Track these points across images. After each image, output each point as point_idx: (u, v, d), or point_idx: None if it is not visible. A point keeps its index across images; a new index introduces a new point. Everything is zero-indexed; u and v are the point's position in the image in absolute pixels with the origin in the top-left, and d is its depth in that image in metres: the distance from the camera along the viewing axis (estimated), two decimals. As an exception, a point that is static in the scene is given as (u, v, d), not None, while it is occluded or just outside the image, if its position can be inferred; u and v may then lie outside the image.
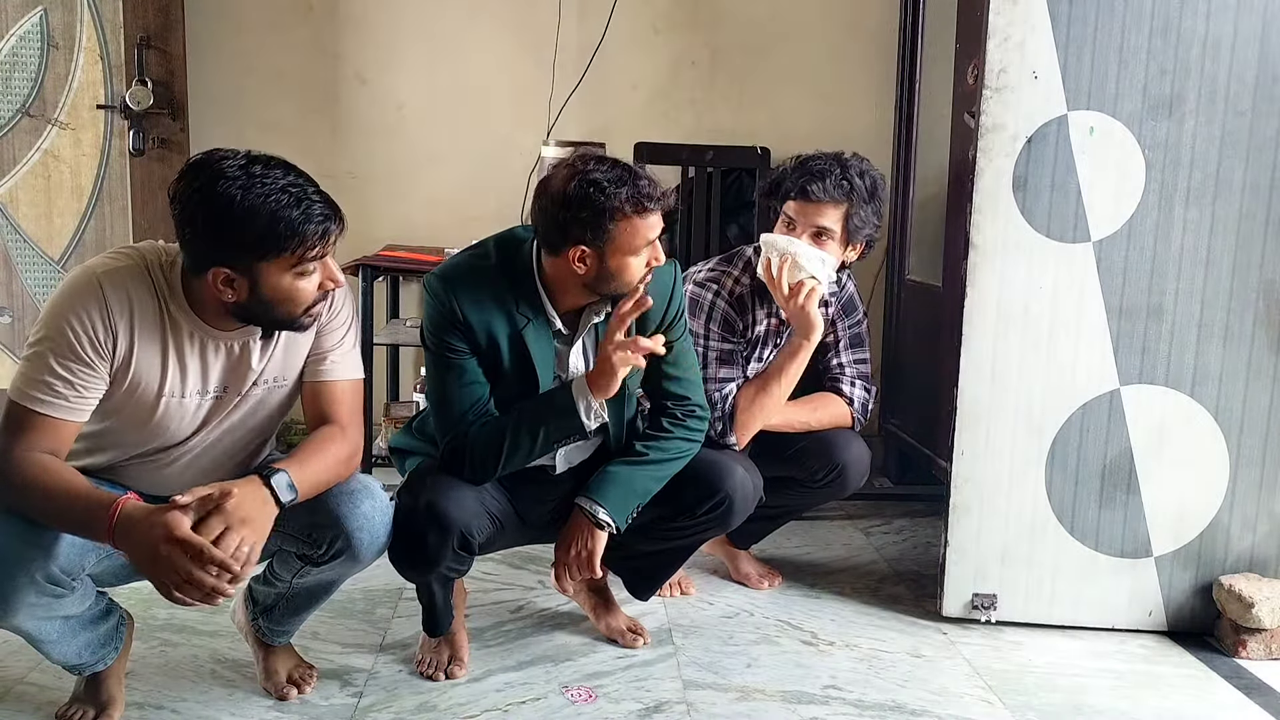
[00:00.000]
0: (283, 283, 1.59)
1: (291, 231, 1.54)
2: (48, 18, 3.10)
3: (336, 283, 1.66)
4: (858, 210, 2.23)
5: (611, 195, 1.78)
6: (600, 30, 3.44)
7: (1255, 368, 2.22)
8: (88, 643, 1.76)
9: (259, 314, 1.63)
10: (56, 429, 1.58)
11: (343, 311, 1.78)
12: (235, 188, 1.51)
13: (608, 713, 1.93)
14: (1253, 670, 2.17)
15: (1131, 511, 2.27)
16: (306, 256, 1.57)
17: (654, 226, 1.85)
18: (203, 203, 1.52)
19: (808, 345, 2.24)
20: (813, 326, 2.22)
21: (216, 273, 1.56)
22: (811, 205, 2.22)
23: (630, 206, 1.80)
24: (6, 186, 3.14)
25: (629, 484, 1.97)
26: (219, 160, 1.55)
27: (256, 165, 1.54)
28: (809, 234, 2.23)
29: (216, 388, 1.70)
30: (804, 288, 2.20)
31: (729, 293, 2.31)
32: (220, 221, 1.52)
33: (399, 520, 1.82)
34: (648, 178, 1.84)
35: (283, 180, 1.55)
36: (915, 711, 1.97)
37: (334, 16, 3.47)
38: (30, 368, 1.58)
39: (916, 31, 3.30)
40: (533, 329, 1.91)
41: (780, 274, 2.21)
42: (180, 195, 1.55)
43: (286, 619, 1.94)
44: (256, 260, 1.55)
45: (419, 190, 3.55)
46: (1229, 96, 2.15)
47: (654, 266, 1.88)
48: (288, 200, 1.53)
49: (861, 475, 2.37)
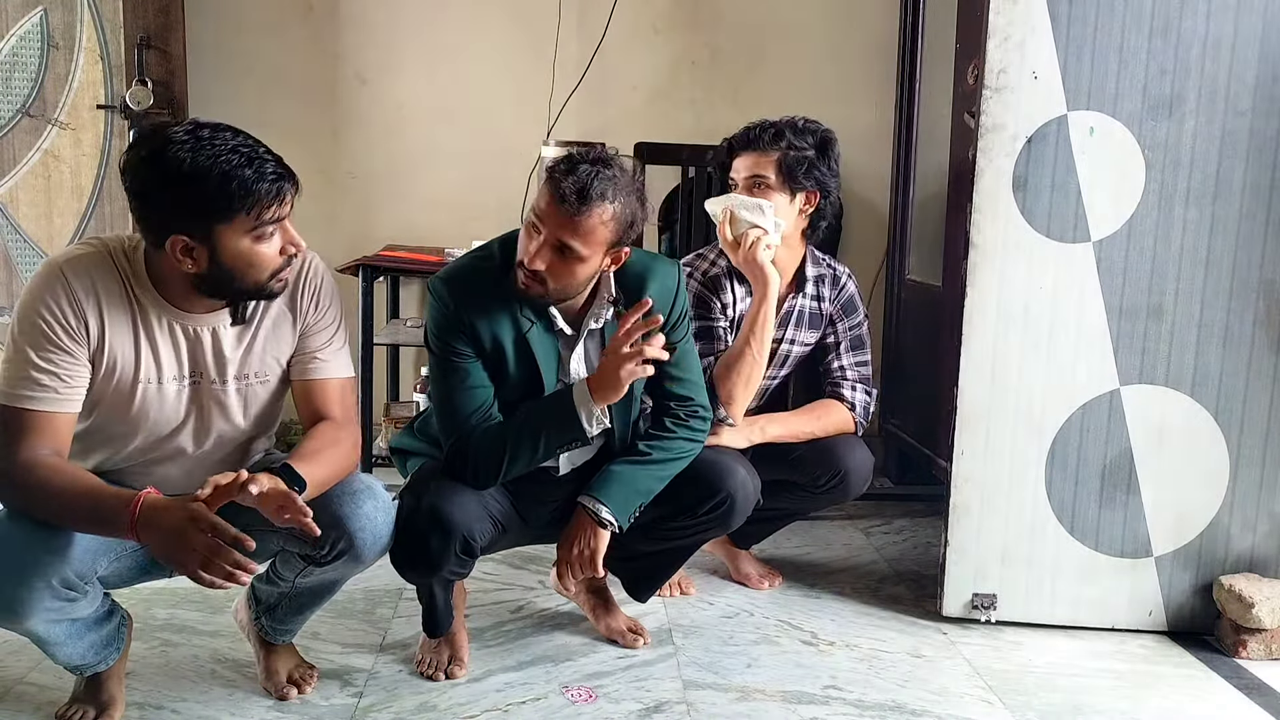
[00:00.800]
0: (241, 247, 1.57)
1: (245, 190, 1.52)
2: (48, 18, 3.10)
3: (298, 246, 1.63)
4: (789, 155, 2.24)
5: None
6: (600, 30, 3.44)
7: (1255, 368, 2.22)
8: (92, 644, 1.76)
9: (223, 284, 1.61)
10: (52, 424, 1.58)
11: (330, 310, 1.78)
12: (184, 150, 1.50)
13: (608, 713, 1.93)
14: (1253, 670, 2.17)
15: (1131, 511, 2.27)
16: (263, 217, 1.56)
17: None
18: (152, 168, 1.52)
19: (768, 299, 2.22)
20: (766, 278, 2.22)
21: (175, 241, 1.55)
22: (745, 158, 2.26)
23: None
24: (6, 186, 3.14)
25: (632, 483, 1.97)
26: (166, 128, 1.55)
27: (204, 130, 1.54)
28: (745, 187, 2.26)
29: (192, 373, 1.69)
30: (748, 238, 2.20)
31: (702, 273, 2.33)
32: (171, 185, 1.51)
33: (401, 523, 1.82)
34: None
35: (232, 141, 1.54)
36: (915, 711, 1.97)
37: (334, 16, 3.48)
38: (11, 368, 1.58)
39: (916, 31, 3.30)
40: (537, 332, 1.91)
41: (723, 229, 2.23)
42: (130, 165, 1.55)
43: (289, 618, 1.94)
44: (213, 224, 1.54)
45: (419, 190, 3.55)
46: (1229, 96, 2.15)
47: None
48: (239, 160, 1.52)
49: (864, 481, 2.36)
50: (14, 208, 3.15)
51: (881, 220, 3.56)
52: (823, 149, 2.27)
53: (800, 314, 2.39)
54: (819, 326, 2.42)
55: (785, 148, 2.24)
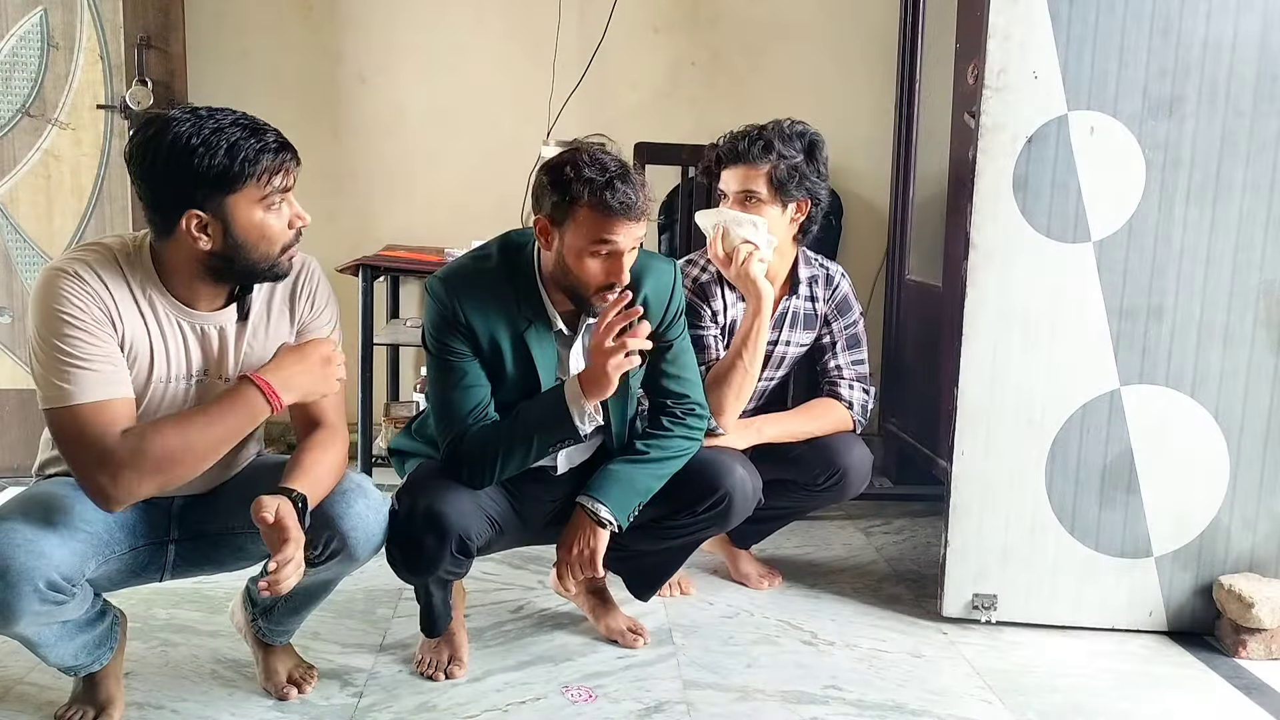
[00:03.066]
0: (254, 217, 1.59)
1: (253, 156, 1.56)
2: (48, 18, 3.09)
3: (303, 219, 1.66)
4: (780, 166, 2.23)
5: (585, 182, 1.78)
6: (600, 30, 3.44)
7: (1255, 368, 2.22)
8: (84, 645, 1.75)
9: (237, 261, 1.62)
10: (112, 410, 1.55)
11: (325, 311, 1.79)
12: (187, 127, 1.54)
13: (608, 713, 1.93)
14: (1253, 670, 2.17)
15: (1132, 511, 2.27)
16: (272, 183, 1.58)
17: (619, 232, 1.80)
18: (158, 147, 1.54)
19: (761, 313, 2.22)
20: (760, 293, 2.21)
21: (190, 217, 1.56)
22: (734, 171, 2.25)
23: (596, 201, 1.78)
24: (6, 186, 3.14)
25: (630, 482, 1.97)
26: (164, 114, 1.58)
27: (201, 110, 1.58)
28: (737, 201, 2.25)
29: (198, 371, 1.69)
30: (740, 253, 2.20)
31: (692, 280, 2.33)
32: (179, 159, 1.53)
33: (397, 524, 1.82)
34: (636, 187, 1.80)
35: (232, 116, 1.58)
36: (915, 711, 1.97)
37: (334, 16, 3.48)
38: (48, 371, 1.54)
39: (916, 31, 3.30)
40: (534, 331, 1.91)
41: (715, 245, 2.22)
42: (136, 148, 1.57)
43: (285, 619, 1.94)
44: (224, 194, 1.56)
45: (419, 190, 3.55)
46: (1229, 96, 2.15)
47: (612, 280, 1.84)
48: (241, 132, 1.56)
49: (863, 479, 2.37)
50: (14, 208, 3.15)
51: (881, 220, 3.56)
52: (810, 154, 2.27)
53: (795, 315, 2.39)
54: (814, 327, 2.42)
55: (775, 159, 2.23)
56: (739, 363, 2.24)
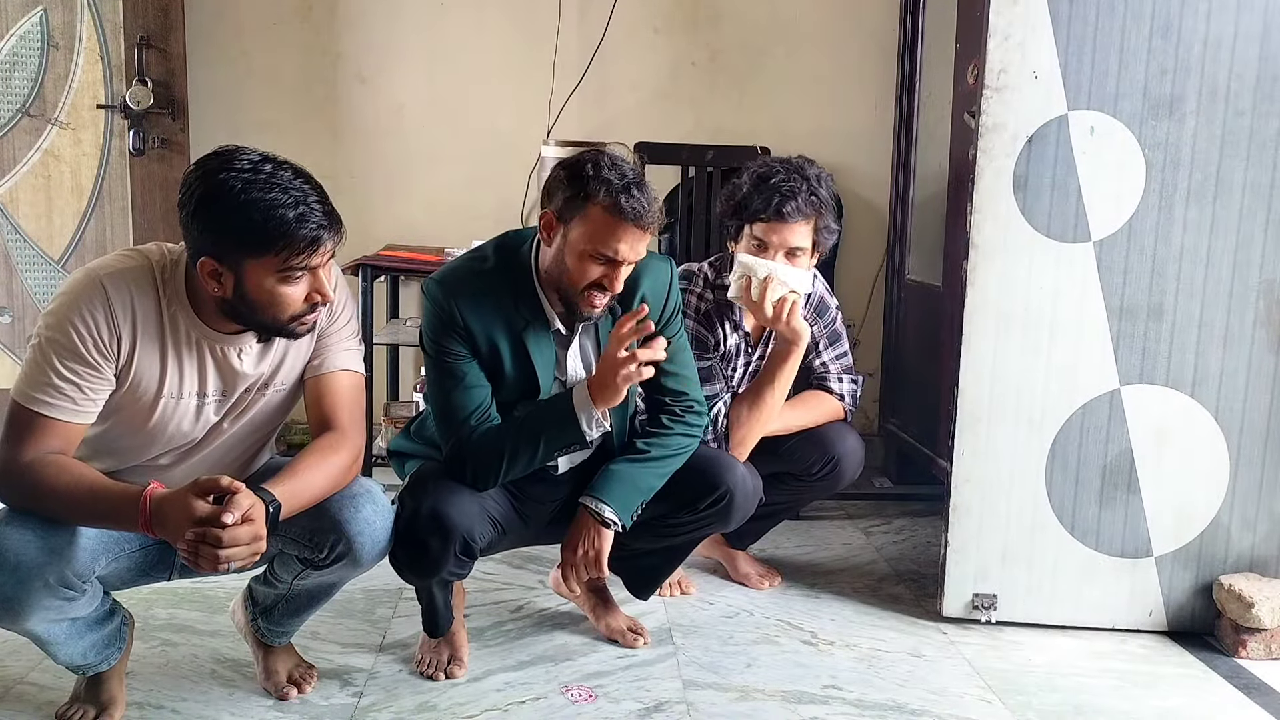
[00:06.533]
0: (265, 284, 1.57)
1: (280, 233, 1.52)
2: (48, 18, 3.10)
3: (325, 297, 1.63)
4: (825, 221, 2.25)
5: (603, 182, 1.78)
6: (600, 30, 3.44)
7: (1255, 368, 2.22)
8: (93, 643, 1.76)
9: (245, 314, 1.61)
10: (65, 432, 1.58)
11: (343, 313, 1.78)
12: (238, 179, 1.51)
13: (608, 713, 1.93)
14: (1253, 670, 2.17)
15: (1132, 511, 2.27)
16: (292, 262, 1.55)
17: (626, 239, 1.80)
18: (202, 186, 1.53)
19: (796, 351, 2.26)
20: (800, 336, 2.25)
21: (204, 263, 1.56)
22: (786, 226, 2.20)
23: (610, 203, 1.78)
24: (6, 186, 3.14)
25: (633, 481, 1.97)
26: (235, 151, 1.56)
27: (268, 164, 1.55)
28: (782, 253, 2.22)
29: (214, 391, 1.69)
30: (785, 304, 2.20)
31: (695, 310, 2.32)
32: (212, 208, 1.52)
33: (401, 525, 1.81)
34: (650, 198, 1.81)
35: (288, 182, 1.54)
36: (915, 711, 1.97)
37: (334, 16, 3.48)
38: (34, 370, 1.57)
39: (916, 31, 3.30)
40: (532, 331, 1.91)
41: (763, 297, 2.19)
42: (186, 177, 1.57)
43: (285, 620, 1.94)
44: (243, 255, 1.55)
45: (419, 190, 3.55)
46: (1229, 96, 2.15)
47: (603, 284, 1.84)
48: (286, 201, 1.52)
49: (857, 467, 2.39)
50: (14, 208, 3.15)
51: (881, 220, 3.56)
52: (836, 201, 2.28)
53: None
54: None
55: (816, 211, 2.21)
56: (768, 398, 2.28)
